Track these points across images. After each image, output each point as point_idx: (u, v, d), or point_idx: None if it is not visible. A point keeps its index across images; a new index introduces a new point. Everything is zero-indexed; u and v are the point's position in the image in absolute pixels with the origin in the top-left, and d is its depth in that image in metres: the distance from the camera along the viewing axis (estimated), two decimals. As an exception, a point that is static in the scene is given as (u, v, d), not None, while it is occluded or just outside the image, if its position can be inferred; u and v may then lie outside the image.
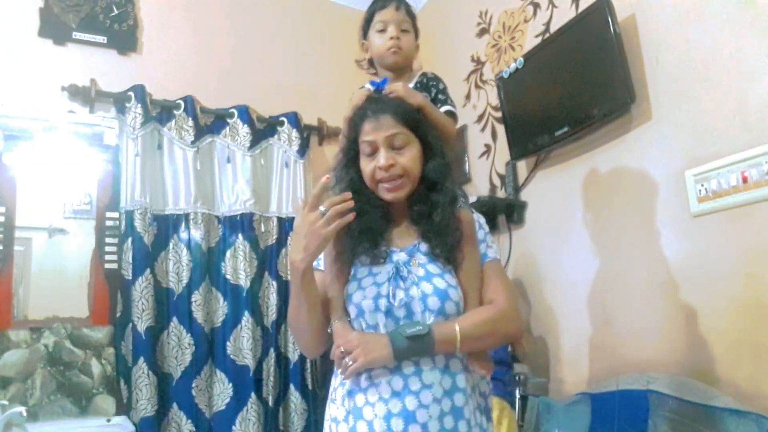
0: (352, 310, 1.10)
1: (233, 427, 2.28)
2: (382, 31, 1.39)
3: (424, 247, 1.13)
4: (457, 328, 1.05)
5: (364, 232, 1.11)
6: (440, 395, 1.03)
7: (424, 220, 1.14)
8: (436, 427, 1.01)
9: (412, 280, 1.08)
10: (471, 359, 1.10)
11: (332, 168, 1.21)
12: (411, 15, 1.43)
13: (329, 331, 1.13)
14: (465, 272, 1.13)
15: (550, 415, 1.85)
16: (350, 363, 1.02)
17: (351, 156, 1.16)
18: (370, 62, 1.46)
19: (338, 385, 1.12)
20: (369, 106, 1.15)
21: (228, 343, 2.36)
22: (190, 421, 2.23)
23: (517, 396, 2.02)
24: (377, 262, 1.11)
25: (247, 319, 2.40)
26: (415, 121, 1.14)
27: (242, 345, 2.37)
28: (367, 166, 1.12)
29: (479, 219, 1.24)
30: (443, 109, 1.35)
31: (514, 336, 1.18)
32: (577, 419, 1.74)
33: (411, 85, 1.39)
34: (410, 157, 1.11)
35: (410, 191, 1.13)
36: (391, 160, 1.08)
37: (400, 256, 1.13)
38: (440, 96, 1.39)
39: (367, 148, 1.12)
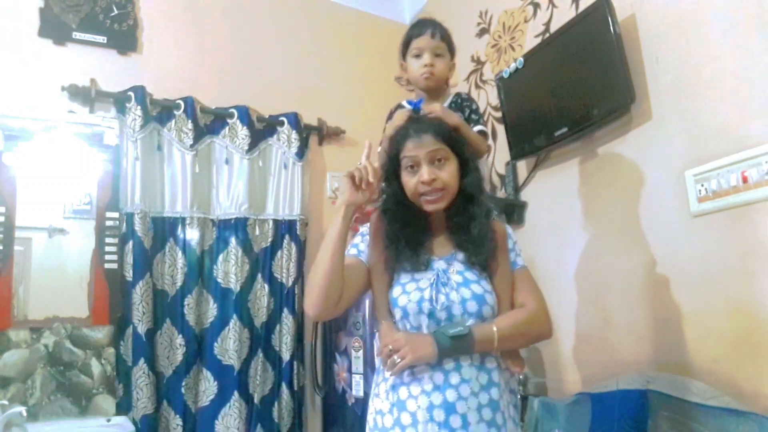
0: (397, 313, 1.20)
1: (216, 422, 2.37)
2: (418, 56, 1.50)
3: (461, 255, 1.24)
4: (495, 329, 1.15)
5: (409, 241, 1.21)
6: (478, 389, 1.12)
7: (462, 231, 1.24)
8: (476, 418, 1.10)
9: (452, 285, 1.18)
10: (504, 357, 1.20)
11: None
12: (446, 39, 1.54)
13: (375, 330, 1.21)
14: (498, 279, 1.23)
15: (550, 415, 1.85)
16: (398, 360, 1.11)
17: (392, 171, 1.25)
18: (408, 81, 1.57)
19: (381, 381, 1.22)
20: (411, 126, 1.24)
21: (215, 344, 2.42)
22: (178, 416, 2.30)
23: (517, 396, 2.02)
24: (419, 269, 1.21)
25: (234, 322, 2.45)
26: (453, 139, 1.23)
27: (228, 346, 2.43)
28: (410, 180, 1.21)
29: (509, 230, 1.33)
30: (476, 128, 1.46)
31: (544, 336, 1.28)
32: (577, 419, 1.74)
33: (446, 104, 1.49)
34: (450, 172, 1.20)
35: (449, 203, 1.23)
36: (433, 175, 1.18)
37: (439, 264, 1.23)
38: (473, 116, 1.50)
39: (409, 163, 1.21)
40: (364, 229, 1.34)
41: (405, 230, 1.23)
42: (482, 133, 1.48)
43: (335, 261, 1.16)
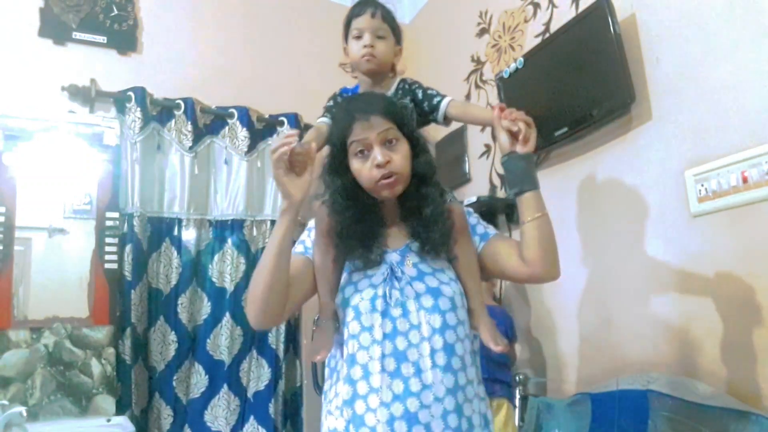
0: (349, 314, 1.09)
1: (205, 412, 2.45)
2: (358, 38, 1.39)
3: (415, 246, 1.15)
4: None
5: (360, 237, 1.11)
6: (442, 394, 1.03)
7: (415, 216, 1.14)
8: (440, 426, 1.01)
9: (406, 280, 1.09)
10: (485, 335, 1.11)
11: (318, 174, 1.19)
12: (388, 20, 1.42)
13: (313, 328, 1.13)
14: (462, 265, 1.15)
15: (550, 415, 1.85)
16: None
17: (339, 161, 1.14)
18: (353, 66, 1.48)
19: (333, 396, 1.11)
20: (356, 107, 1.13)
21: (208, 340, 2.49)
22: (168, 407, 2.38)
23: (517, 396, 2.02)
24: (371, 265, 1.12)
25: (227, 320, 2.51)
26: (402, 118, 1.14)
27: (220, 342, 2.50)
28: (362, 167, 1.09)
29: (467, 210, 1.26)
30: (445, 100, 1.36)
31: (557, 268, 1.21)
32: (577, 419, 1.74)
33: (392, 91, 1.40)
34: (403, 154, 1.11)
35: (403, 188, 1.13)
36: (387, 157, 1.08)
37: (393, 257, 1.13)
38: (429, 91, 1.40)
39: (359, 148, 1.09)
40: (311, 222, 1.23)
41: (356, 226, 1.11)
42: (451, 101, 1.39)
43: (277, 271, 1.05)
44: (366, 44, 1.37)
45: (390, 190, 1.10)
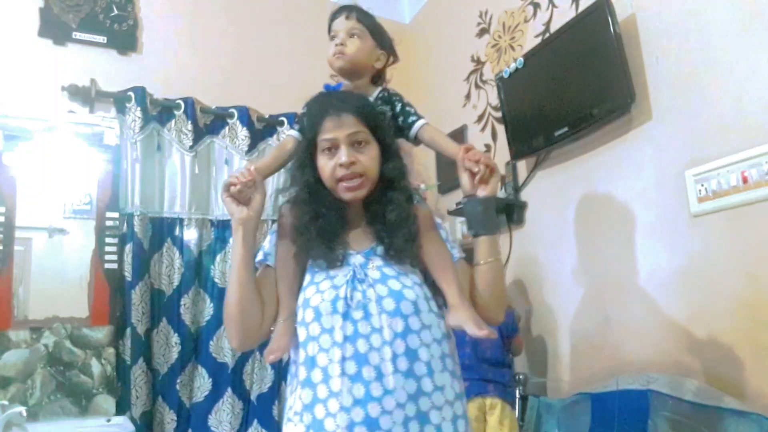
0: (309, 314, 1.06)
1: (209, 416, 2.43)
2: (333, 39, 1.39)
3: (380, 249, 1.13)
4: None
5: (321, 235, 1.09)
6: (404, 400, 0.99)
7: (379, 220, 1.13)
8: None
9: (368, 282, 1.07)
10: (469, 324, 1.04)
11: (287, 168, 1.20)
12: (364, 21, 1.40)
13: (271, 328, 1.10)
14: (434, 263, 1.12)
15: (550, 415, 1.86)
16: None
17: (307, 156, 1.13)
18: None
19: (293, 402, 1.08)
20: (330, 104, 1.12)
21: (211, 342, 2.48)
22: (172, 411, 2.36)
23: (517, 396, 2.03)
24: (334, 266, 1.09)
25: None
26: (375, 121, 1.13)
27: (223, 344, 2.49)
28: (326, 164, 1.09)
29: (438, 219, 1.24)
30: (419, 122, 1.32)
31: (501, 314, 1.19)
32: (577, 419, 1.74)
33: (372, 98, 1.37)
34: (370, 157, 1.10)
35: (369, 192, 1.12)
36: (352, 158, 1.07)
37: (356, 259, 1.11)
38: (408, 108, 1.37)
39: (326, 146, 1.09)
40: (273, 226, 1.21)
41: (318, 221, 1.09)
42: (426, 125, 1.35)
43: (246, 283, 1.06)
44: (337, 43, 1.36)
45: (351, 193, 1.09)
